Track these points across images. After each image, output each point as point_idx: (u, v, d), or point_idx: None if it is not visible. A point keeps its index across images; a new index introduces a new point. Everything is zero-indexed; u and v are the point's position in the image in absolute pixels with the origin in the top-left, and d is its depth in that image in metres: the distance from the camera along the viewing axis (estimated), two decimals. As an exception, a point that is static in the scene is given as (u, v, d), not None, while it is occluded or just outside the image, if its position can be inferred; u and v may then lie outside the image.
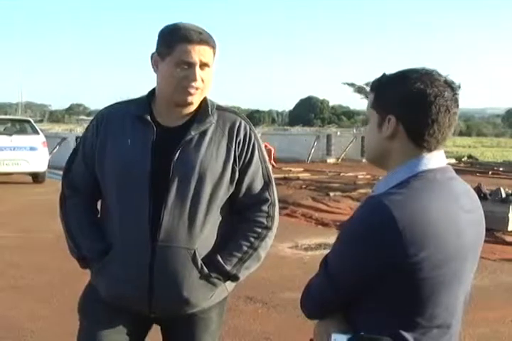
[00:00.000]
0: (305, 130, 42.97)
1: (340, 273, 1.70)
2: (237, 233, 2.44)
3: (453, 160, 26.83)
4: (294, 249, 8.78)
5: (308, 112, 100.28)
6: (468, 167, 24.69)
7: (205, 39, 2.29)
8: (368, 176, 19.39)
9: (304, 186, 17.22)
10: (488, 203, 10.82)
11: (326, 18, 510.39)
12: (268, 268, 7.61)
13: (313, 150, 27.41)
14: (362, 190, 15.42)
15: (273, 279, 6.96)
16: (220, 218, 2.42)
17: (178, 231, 2.31)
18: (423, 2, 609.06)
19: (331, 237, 8.93)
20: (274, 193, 2.51)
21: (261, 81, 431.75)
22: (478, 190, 11.67)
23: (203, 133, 2.36)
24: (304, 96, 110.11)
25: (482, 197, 11.32)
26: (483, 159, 31.49)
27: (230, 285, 2.50)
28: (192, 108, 2.38)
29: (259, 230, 2.44)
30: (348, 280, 1.69)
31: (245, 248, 2.41)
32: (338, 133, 31.67)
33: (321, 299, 1.78)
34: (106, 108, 2.55)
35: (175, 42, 2.27)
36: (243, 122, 2.45)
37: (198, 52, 2.27)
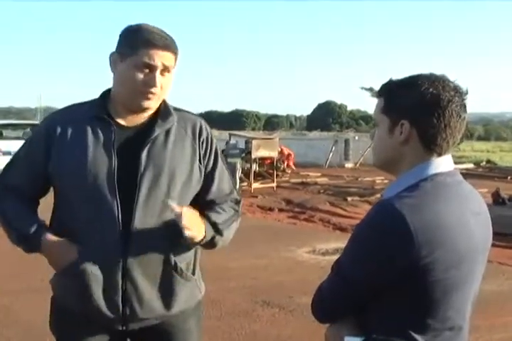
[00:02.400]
0: (323, 135, 42.76)
1: (352, 275, 1.72)
2: (216, 208, 2.43)
3: (471, 165, 26.65)
4: (311, 254, 8.79)
5: (326, 117, 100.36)
6: (486, 172, 24.47)
7: (168, 44, 2.22)
8: (386, 181, 19.28)
9: (321, 191, 17.21)
10: (507, 208, 10.77)
11: (343, 23, 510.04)
12: (285, 272, 7.65)
13: (331, 154, 27.37)
14: (380, 195, 15.36)
15: (290, 284, 6.97)
16: None
17: (151, 230, 2.22)
18: (439, 5, 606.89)
19: (348, 242, 8.91)
20: (239, 194, 2.55)
21: (278, 86, 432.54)
22: (496, 194, 11.64)
23: (168, 133, 2.29)
24: (322, 100, 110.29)
25: (500, 202, 11.28)
26: (502, 164, 31.21)
27: (201, 284, 2.48)
28: (150, 112, 2.32)
29: (233, 207, 2.47)
30: (359, 282, 1.71)
31: (231, 213, 2.44)
32: (356, 137, 31.52)
33: (332, 301, 1.79)
34: (56, 112, 2.44)
35: (138, 44, 2.18)
36: (203, 123, 2.41)
37: (161, 57, 2.20)
